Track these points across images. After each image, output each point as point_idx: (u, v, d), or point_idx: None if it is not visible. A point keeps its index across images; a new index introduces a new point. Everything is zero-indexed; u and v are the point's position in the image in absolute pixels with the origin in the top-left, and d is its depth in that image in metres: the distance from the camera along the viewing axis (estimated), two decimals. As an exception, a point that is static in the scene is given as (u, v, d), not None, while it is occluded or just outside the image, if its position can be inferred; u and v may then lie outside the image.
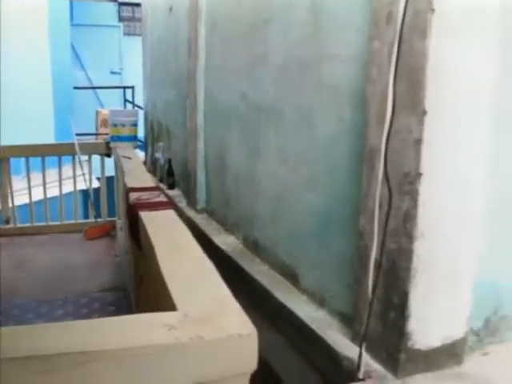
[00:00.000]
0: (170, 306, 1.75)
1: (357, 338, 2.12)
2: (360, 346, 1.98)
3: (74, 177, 6.13)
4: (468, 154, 1.86)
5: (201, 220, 4.19)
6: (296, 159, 2.70)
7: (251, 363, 1.62)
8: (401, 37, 1.70)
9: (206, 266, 2.14)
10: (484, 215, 2.01)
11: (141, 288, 3.14)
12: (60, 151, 6.09)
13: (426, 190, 1.77)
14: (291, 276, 2.79)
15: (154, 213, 2.98)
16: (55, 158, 6.02)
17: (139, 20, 8.79)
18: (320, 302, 2.52)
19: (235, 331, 1.58)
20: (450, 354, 2.04)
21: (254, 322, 2.90)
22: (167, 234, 2.61)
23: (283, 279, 2.87)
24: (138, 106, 8.62)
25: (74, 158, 6.07)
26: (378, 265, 1.89)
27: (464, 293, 2.01)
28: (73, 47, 11.71)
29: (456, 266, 1.94)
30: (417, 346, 1.95)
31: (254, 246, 3.28)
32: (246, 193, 3.41)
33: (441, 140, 1.77)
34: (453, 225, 1.88)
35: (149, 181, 4.01)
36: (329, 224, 2.43)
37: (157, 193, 3.50)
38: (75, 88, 10.65)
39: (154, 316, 1.69)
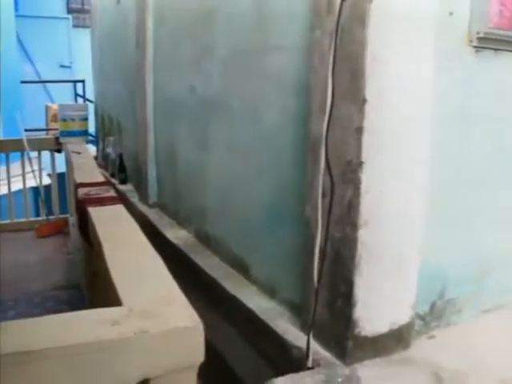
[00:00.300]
0: (117, 302, 1.73)
1: (306, 327, 2.13)
2: (308, 335, 2.00)
3: (24, 174, 5.98)
4: (410, 142, 1.88)
5: (153, 214, 4.14)
6: (244, 151, 2.70)
7: (198, 355, 1.61)
8: (338, 25, 1.71)
9: (153, 260, 2.13)
10: (428, 201, 2.05)
11: (94, 285, 3.10)
12: (8, 148, 5.92)
13: (368, 178, 1.79)
14: (242, 268, 2.79)
15: (102, 208, 2.94)
16: (3, 155, 5.86)
17: (88, 12, 8.59)
18: (271, 292, 2.53)
19: (180, 324, 1.57)
20: (397, 339, 2.07)
21: (207, 316, 2.90)
22: (115, 229, 2.58)
23: (235, 271, 2.86)
24: (90, 100, 8.47)
25: (22, 155, 5.92)
26: (323, 254, 1.90)
27: (409, 278, 2.04)
28: (19, 40, 11.37)
29: (400, 253, 1.97)
30: (364, 333, 1.97)
31: (206, 239, 3.26)
32: (197, 186, 3.39)
33: (382, 128, 1.79)
34: (396, 212, 1.91)
35: (98, 176, 3.94)
36: (277, 214, 2.44)
37: (106, 188, 3.44)
38: (22, 82, 10.34)
39: (98, 312, 1.66)
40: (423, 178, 1.95)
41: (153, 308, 1.64)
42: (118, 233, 2.49)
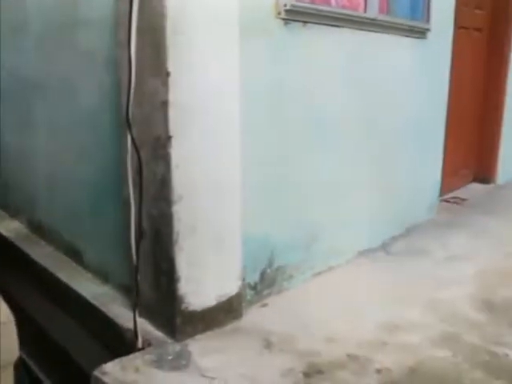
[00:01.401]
0: None
1: (137, 308, 2.09)
2: (133, 316, 1.96)
3: None
4: (219, 114, 1.88)
5: (-18, 208, 3.85)
6: (65, 132, 2.57)
7: (11, 352, 1.53)
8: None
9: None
10: (247, 172, 2.08)
11: None
12: None
13: (178, 153, 1.76)
14: (75, 254, 2.68)
15: None
16: None
17: None
18: (104, 277, 2.46)
19: (-15, 322, 1.47)
20: (227, 311, 2.10)
21: (43, 308, 2.77)
22: None
23: (68, 259, 2.75)
24: None
25: None
26: (140, 232, 1.86)
27: (233, 250, 2.06)
28: None
29: (220, 225, 1.98)
30: (191, 308, 1.97)
31: (39, 229, 3.09)
32: (24, 174, 3.18)
33: (188, 101, 1.76)
34: (211, 186, 1.91)
35: None
36: (102, 196, 2.35)
37: None
38: None
39: None
40: (236, 150, 1.96)
41: (-44, 308, 1.53)
42: None
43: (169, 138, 1.73)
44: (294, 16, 2.18)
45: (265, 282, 2.34)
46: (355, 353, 1.99)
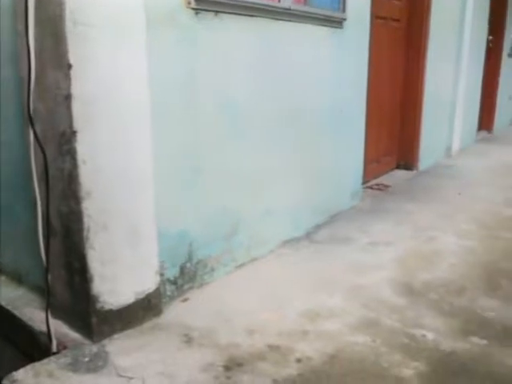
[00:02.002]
0: None
1: (53, 310, 2.01)
2: (46, 318, 1.89)
3: None
4: (126, 106, 1.82)
5: None
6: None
7: None
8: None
9: None
10: (163, 167, 2.04)
11: None
12: None
13: (84, 148, 1.70)
14: (-12, 258, 2.56)
15: None
16: None
17: None
18: (18, 279, 2.36)
19: None
20: (146, 308, 2.06)
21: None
22: None
23: (-17, 263, 2.62)
24: None
25: None
26: (48, 230, 1.79)
27: (149, 245, 2.02)
28: None
29: (132, 221, 1.93)
30: (107, 307, 1.92)
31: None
32: None
33: (93, 94, 1.69)
34: (122, 181, 1.85)
35: None
36: (13, 195, 2.24)
37: None
38: None
39: None
40: (147, 143, 1.91)
41: None
42: None
43: (74, 132, 1.66)
44: (204, 5, 2.14)
45: (185, 276, 2.31)
46: (276, 343, 1.99)
